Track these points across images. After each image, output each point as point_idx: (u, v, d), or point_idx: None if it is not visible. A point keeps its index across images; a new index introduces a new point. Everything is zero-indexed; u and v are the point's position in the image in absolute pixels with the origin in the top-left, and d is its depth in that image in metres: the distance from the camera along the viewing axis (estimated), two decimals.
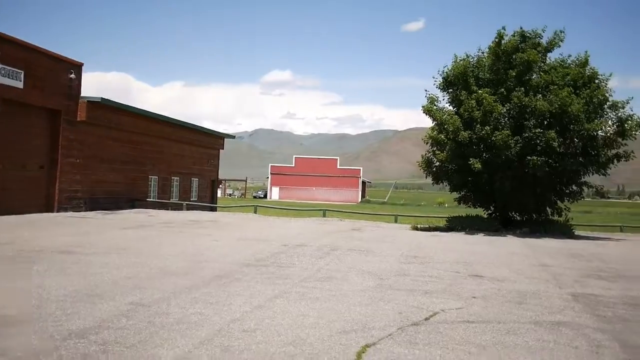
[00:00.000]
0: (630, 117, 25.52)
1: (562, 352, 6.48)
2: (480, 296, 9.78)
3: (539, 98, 25.16)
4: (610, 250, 20.35)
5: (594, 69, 26.52)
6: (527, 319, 8.14)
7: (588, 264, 15.71)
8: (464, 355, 6.18)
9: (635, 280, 12.86)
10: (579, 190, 27.47)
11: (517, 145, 24.76)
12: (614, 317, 8.61)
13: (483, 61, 27.55)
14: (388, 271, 12.27)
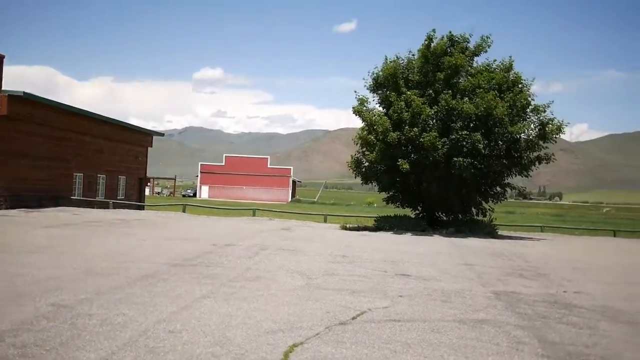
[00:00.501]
0: (550, 120, 26.45)
1: (484, 349, 6.65)
2: (406, 295, 9.93)
3: (466, 101, 25.77)
4: (531, 250, 21.01)
5: (518, 74, 27.41)
6: (452, 317, 8.32)
7: (510, 262, 16.17)
8: (390, 353, 6.26)
9: (553, 279, 13.32)
10: (503, 191, 28.29)
11: (445, 146, 25.27)
12: (534, 315, 8.89)
13: (413, 63, 28.01)
14: (317, 271, 12.32)
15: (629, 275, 14.93)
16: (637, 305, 10.29)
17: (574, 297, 10.81)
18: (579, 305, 9.95)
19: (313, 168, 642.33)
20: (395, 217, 28.53)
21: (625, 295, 11.46)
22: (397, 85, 27.19)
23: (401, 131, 25.94)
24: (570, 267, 16.03)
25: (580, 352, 6.81)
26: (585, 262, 17.60)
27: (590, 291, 11.65)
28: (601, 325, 8.40)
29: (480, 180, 26.97)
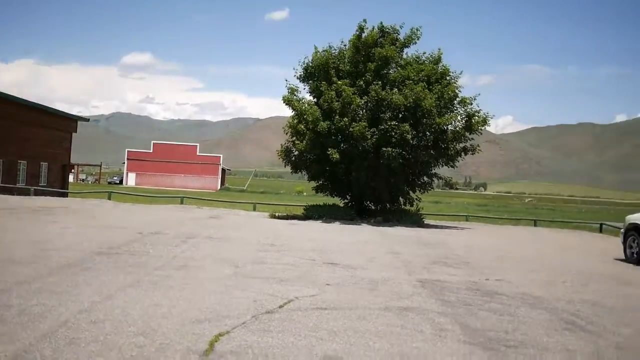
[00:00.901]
0: (477, 112, 27.07)
1: (408, 336, 6.76)
2: (334, 283, 9.99)
3: (395, 92, 26.07)
4: (456, 239, 21.49)
5: (446, 66, 27.92)
6: (378, 305, 8.42)
7: (436, 251, 16.49)
8: (316, 341, 6.29)
9: (477, 267, 13.66)
10: (430, 181, 28.80)
11: (374, 136, 25.52)
12: (457, 302, 9.09)
13: (344, 53, 28.12)
14: (245, 259, 12.25)
15: (548, 263, 15.45)
16: (555, 292, 10.66)
17: (496, 284, 11.12)
18: (500, 292, 10.23)
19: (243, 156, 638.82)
20: (324, 206, 28.67)
21: (544, 282, 11.85)
22: (328, 75, 27.26)
23: (331, 121, 26.04)
24: (493, 255, 16.47)
25: (500, 338, 7.01)
26: (507, 251, 18.11)
27: (511, 279, 12.00)
28: (521, 312, 8.66)
29: (408, 170, 27.38)
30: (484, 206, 72.01)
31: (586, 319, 8.54)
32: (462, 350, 6.36)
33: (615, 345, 7.10)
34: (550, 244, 22.62)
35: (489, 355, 6.28)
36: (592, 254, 19.46)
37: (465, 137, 27.26)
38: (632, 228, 17.23)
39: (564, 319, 8.38)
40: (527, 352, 6.47)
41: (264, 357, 5.65)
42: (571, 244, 23.01)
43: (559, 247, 21.51)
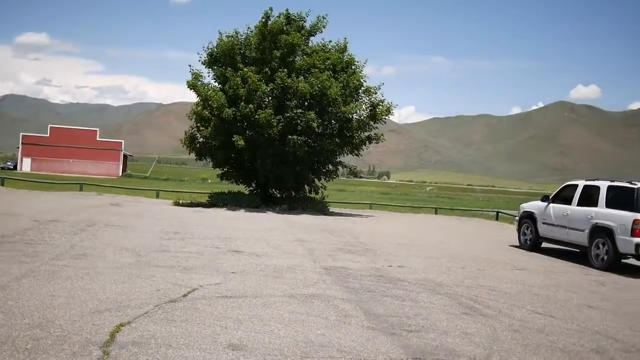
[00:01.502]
0: (381, 102, 27.48)
1: (313, 323, 6.81)
2: (239, 271, 9.94)
3: (301, 80, 26.08)
4: (360, 226, 21.81)
5: (352, 55, 28.17)
6: (283, 293, 8.43)
7: (340, 239, 16.69)
8: (221, 330, 6.23)
9: (380, 254, 13.92)
10: (335, 169, 29.06)
11: (280, 124, 25.47)
12: (361, 288, 9.24)
13: (250, 40, 27.85)
14: (147, 247, 11.98)
15: (448, 250, 15.94)
16: (455, 278, 11.02)
17: (398, 271, 11.37)
18: (402, 278, 10.47)
19: (146, 142, 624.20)
20: (229, 193, 28.42)
21: (444, 268, 12.22)
22: (233, 61, 26.96)
23: (237, 107, 25.80)
24: (396, 242, 16.83)
25: (402, 323, 7.18)
26: (409, 238, 18.56)
27: (413, 265, 12.31)
28: (422, 297, 8.90)
29: (313, 158, 27.51)
30: (388, 194, 73.48)
31: (483, 303, 8.88)
32: (365, 336, 6.47)
33: (510, 328, 7.42)
34: (450, 231, 23.35)
35: (392, 340, 6.41)
36: (489, 240, 20.24)
37: (369, 126, 27.62)
38: (526, 216, 18.01)
39: (463, 304, 8.68)
40: (428, 337, 6.65)
41: (167, 347, 5.55)
42: (470, 231, 23.84)
43: (458, 234, 22.23)
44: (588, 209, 15.15)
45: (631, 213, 13.67)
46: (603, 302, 9.90)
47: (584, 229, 15.01)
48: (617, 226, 13.87)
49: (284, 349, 5.77)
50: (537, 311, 8.62)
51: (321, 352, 5.80)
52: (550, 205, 16.87)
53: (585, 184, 15.98)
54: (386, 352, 5.96)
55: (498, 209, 38.59)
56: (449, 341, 6.55)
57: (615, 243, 13.87)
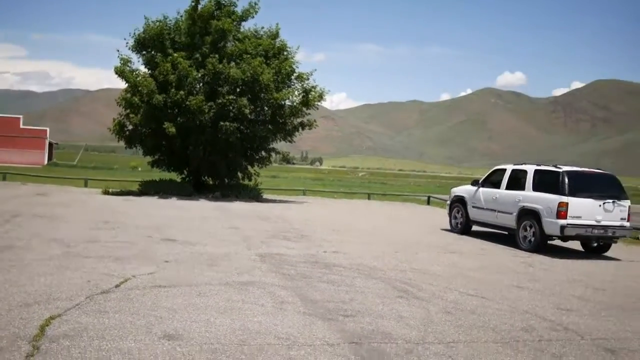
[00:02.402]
0: (313, 88, 27.47)
1: (250, 311, 6.78)
2: (173, 260, 9.80)
3: (233, 66, 25.81)
4: (294, 213, 21.83)
5: (284, 41, 28.03)
6: (218, 281, 8.36)
7: (274, 225, 16.67)
8: (155, 320, 6.13)
9: (314, 240, 13.97)
10: (268, 155, 28.93)
11: (211, 110, 25.16)
12: (297, 275, 9.25)
13: (180, 25, 27.35)
14: (76, 238, 11.67)
15: (382, 235, 16.14)
16: (389, 262, 11.17)
17: (333, 256, 11.44)
18: (337, 264, 10.54)
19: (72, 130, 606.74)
20: (160, 181, 27.95)
21: (378, 253, 12.36)
22: (163, 47, 26.42)
23: (167, 94, 25.33)
24: (330, 228, 16.92)
25: (338, 308, 7.22)
26: (343, 224, 18.69)
27: (348, 251, 12.40)
28: (357, 282, 8.98)
29: (246, 144, 27.30)
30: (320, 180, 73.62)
31: (417, 286, 9.02)
32: (302, 322, 6.48)
33: (444, 310, 7.56)
34: (383, 216, 23.63)
35: (328, 325, 6.44)
36: (421, 225, 20.59)
37: (302, 112, 27.58)
38: (457, 200, 18.38)
39: (397, 288, 8.80)
40: (363, 321, 6.71)
41: (101, 339, 5.42)
42: (402, 216, 24.19)
43: (391, 219, 22.52)
44: (516, 192, 15.57)
45: (556, 196, 14.12)
46: (531, 282, 10.21)
47: (512, 212, 15.43)
48: (544, 209, 14.32)
49: (220, 338, 5.72)
50: (469, 293, 8.82)
51: (258, 339, 5.78)
52: (480, 190, 17.26)
53: (513, 168, 16.40)
54: (323, 337, 5.98)
55: (429, 193, 39.26)
56: (385, 325, 6.63)
57: (542, 225, 14.31)
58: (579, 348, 6.33)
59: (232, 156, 27.17)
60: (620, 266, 13.47)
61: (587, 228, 14.02)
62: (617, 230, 14.38)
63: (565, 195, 14.01)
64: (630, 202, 14.83)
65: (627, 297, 9.55)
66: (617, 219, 14.32)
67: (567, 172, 14.42)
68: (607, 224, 14.17)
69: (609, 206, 14.18)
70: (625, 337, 6.95)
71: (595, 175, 15.18)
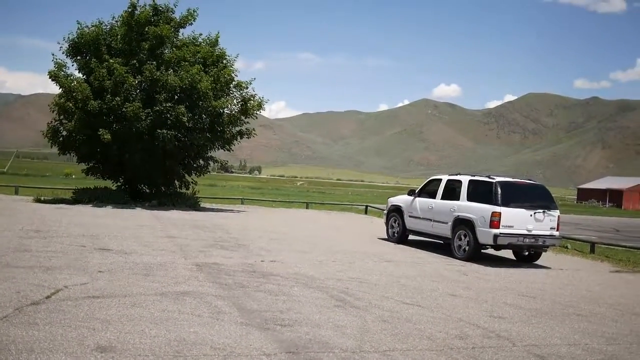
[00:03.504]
0: (252, 97, 27.41)
1: (186, 321, 6.70)
2: (106, 270, 9.60)
3: (171, 73, 25.52)
4: (232, 222, 21.69)
5: (223, 49, 27.90)
6: (153, 291, 8.23)
7: (212, 234, 16.53)
8: (88, 332, 5.99)
9: (252, 249, 13.92)
10: (206, 164, 28.69)
11: (148, 118, 24.80)
12: (234, 284, 9.19)
13: (116, 30, 26.90)
14: (5, 247, 11.31)
15: (320, 244, 16.19)
16: (327, 271, 11.21)
17: (271, 265, 11.42)
18: (275, 273, 10.52)
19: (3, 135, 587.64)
20: (95, 189, 27.35)
21: (316, 262, 12.40)
22: (98, 52, 25.91)
23: (103, 100, 24.84)
24: (268, 237, 16.87)
25: (275, 318, 7.21)
26: (281, 233, 18.67)
27: (286, 260, 12.40)
28: (295, 291, 8.98)
29: (184, 153, 27.01)
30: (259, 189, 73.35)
31: (354, 295, 9.09)
32: (239, 332, 6.45)
33: (380, 318, 7.64)
34: (321, 225, 23.72)
35: (265, 335, 6.43)
36: (359, 234, 20.75)
37: (241, 120, 27.48)
38: (394, 210, 18.60)
39: (335, 297, 8.84)
40: (301, 330, 6.72)
41: (29, 352, 5.26)
42: (340, 225, 24.33)
43: (329, 228, 22.63)
44: (451, 202, 15.86)
45: (490, 206, 14.46)
46: (465, 290, 10.42)
47: (447, 222, 15.71)
48: (477, 218, 14.63)
49: (155, 349, 5.63)
50: (405, 301, 8.94)
51: (194, 350, 5.71)
52: (416, 199, 17.51)
53: (449, 179, 16.71)
54: (260, 347, 5.96)
55: (367, 202, 39.62)
56: (322, 334, 6.65)
57: (476, 234, 14.63)
58: (511, 354, 6.49)
59: (170, 164, 26.82)
60: (550, 274, 13.86)
61: (519, 237, 14.40)
62: (547, 239, 14.82)
63: (498, 205, 14.37)
64: (559, 211, 15.31)
65: (556, 304, 9.85)
66: (547, 229, 14.76)
67: (500, 183, 14.79)
68: (538, 233, 14.59)
69: (540, 216, 14.60)
70: (554, 343, 7.17)
71: (527, 186, 15.64)
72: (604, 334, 7.85)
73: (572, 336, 7.60)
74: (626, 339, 7.69)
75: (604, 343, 7.37)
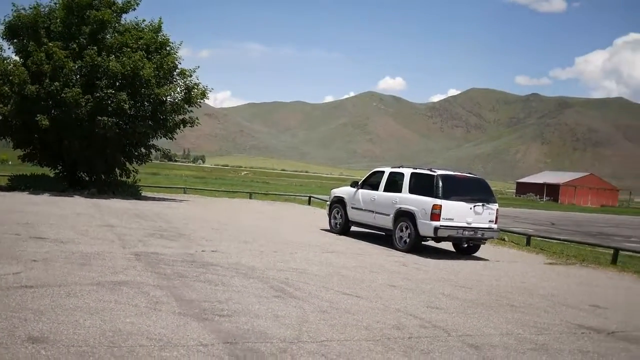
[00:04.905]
0: (196, 85, 27.08)
1: (122, 311, 6.59)
2: (41, 259, 9.36)
3: (112, 59, 24.99)
4: (173, 211, 21.45)
5: (166, 36, 27.46)
6: (90, 281, 8.07)
7: (152, 224, 16.30)
8: (19, 322, 5.84)
9: (193, 239, 13.77)
10: (148, 152, 28.26)
11: (89, 104, 24.27)
12: (173, 274, 9.09)
13: (55, 13, 26.17)
14: None
15: (262, 234, 16.14)
16: (268, 262, 11.19)
17: (212, 256, 11.33)
18: (215, 263, 10.45)
19: None
20: (32, 176, 26.67)
21: (257, 252, 12.37)
22: (37, 35, 25.18)
23: (41, 84, 24.20)
24: (209, 227, 16.75)
25: (214, 308, 7.17)
26: (223, 223, 18.55)
27: (227, 250, 12.33)
28: (235, 282, 8.94)
29: (125, 140, 26.53)
30: (202, 178, 72.71)
31: (294, 285, 9.10)
32: (176, 322, 6.38)
33: (319, 309, 7.67)
34: (264, 215, 23.67)
35: (203, 325, 6.38)
36: (302, 224, 20.78)
37: (184, 109, 27.15)
38: (337, 201, 18.67)
39: (275, 287, 8.84)
40: (239, 321, 6.69)
41: None
42: (283, 216, 24.33)
43: (272, 218, 22.60)
44: (393, 194, 16.01)
45: (431, 198, 14.65)
46: (404, 281, 10.55)
47: (389, 214, 15.85)
48: (419, 210, 14.81)
49: (89, 340, 5.52)
50: (345, 292, 9.00)
51: (130, 340, 5.63)
52: (359, 191, 17.61)
53: (391, 171, 16.85)
54: (197, 337, 5.91)
55: (311, 193, 39.70)
56: (260, 324, 6.64)
57: (417, 226, 14.80)
58: (446, 344, 6.61)
59: (110, 152, 26.35)
60: (487, 266, 14.17)
61: (459, 229, 14.65)
62: (486, 231, 15.11)
63: (439, 198, 14.57)
64: (498, 205, 15.64)
65: (491, 294, 10.07)
66: (486, 221, 15.05)
67: (441, 176, 15.00)
68: (477, 225, 14.86)
69: (479, 209, 14.88)
70: (488, 332, 7.33)
71: (467, 179, 15.91)
72: (536, 324, 8.07)
73: (505, 326, 7.79)
74: (556, 329, 7.92)
75: (535, 333, 7.58)
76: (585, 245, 20.34)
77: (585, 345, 7.17)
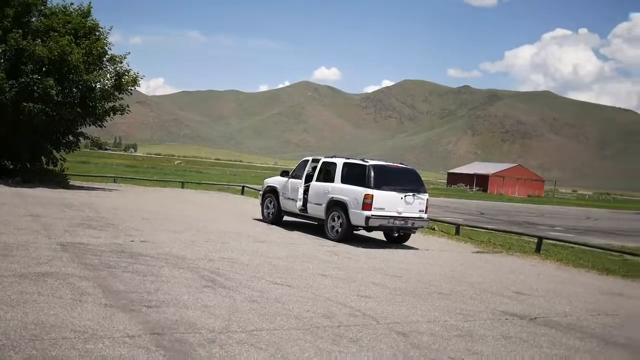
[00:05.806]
0: (127, 72, 26.45)
1: (45, 303, 6.42)
2: None
3: (39, 43, 24.18)
4: (102, 200, 20.98)
5: (95, 21, 26.68)
6: (11, 272, 7.82)
7: (80, 213, 15.91)
8: None
9: (122, 229, 13.52)
10: (76, 140, 27.47)
11: (13, 89, 23.43)
12: (100, 265, 8.90)
13: None
14: None
15: (193, 224, 15.98)
16: (198, 252, 11.09)
17: (141, 246, 11.15)
18: (144, 253, 10.29)
19: None
20: None
21: (188, 242, 12.23)
22: None
23: None
24: (140, 217, 16.46)
25: (142, 299, 7.06)
26: (154, 212, 18.26)
27: (157, 240, 12.15)
28: (164, 272, 8.82)
29: (52, 128, 25.72)
30: (134, 167, 71.25)
31: (225, 275, 9.05)
32: (102, 314, 6.26)
33: (249, 299, 7.66)
34: (197, 205, 23.44)
35: (130, 316, 6.28)
36: (234, 214, 20.67)
37: (114, 96, 26.47)
38: (269, 190, 18.63)
39: (205, 277, 8.77)
40: (168, 311, 6.62)
41: None
42: (216, 205, 24.14)
43: (204, 208, 22.40)
44: (326, 184, 16.08)
45: (363, 188, 14.78)
46: (335, 270, 10.63)
47: (321, 203, 15.92)
48: (351, 200, 14.93)
49: (9, 333, 5.36)
50: (276, 281, 9.00)
51: (53, 333, 5.48)
52: (291, 180, 17.62)
53: (324, 161, 16.91)
54: (123, 329, 5.81)
55: (244, 183, 39.50)
56: (189, 314, 6.58)
57: (349, 216, 14.92)
58: (375, 332, 6.70)
59: (36, 139, 25.49)
60: (417, 254, 14.42)
61: (390, 219, 14.84)
62: (416, 221, 15.37)
63: (370, 187, 14.71)
64: (428, 195, 15.91)
65: (419, 283, 10.26)
66: (417, 211, 15.29)
67: (372, 166, 15.15)
68: (408, 215, 15.09)
69: (410, 199, 15.09)
70: (415, 320, 7.47)
71: (399, 170, 16.12)
72: (462, 311, 8.27)
73: (433, 313, 7.95)
74: (481, 316, 8.14)
75: (461, 319, 7.77)
76: (512, 234, 20.94)
77: (508, 331, 7.40)
